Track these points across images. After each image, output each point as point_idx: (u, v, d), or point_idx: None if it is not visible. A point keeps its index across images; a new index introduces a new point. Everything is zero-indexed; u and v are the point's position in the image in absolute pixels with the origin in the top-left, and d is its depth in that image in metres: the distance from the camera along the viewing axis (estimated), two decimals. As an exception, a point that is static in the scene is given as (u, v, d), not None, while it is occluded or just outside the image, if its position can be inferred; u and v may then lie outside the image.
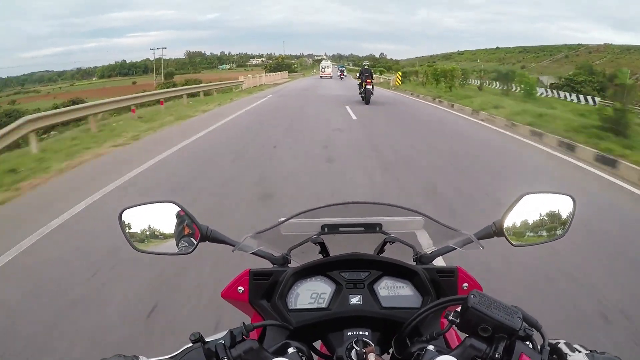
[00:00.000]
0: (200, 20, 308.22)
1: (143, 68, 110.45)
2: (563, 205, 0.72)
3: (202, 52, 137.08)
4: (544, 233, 0.72)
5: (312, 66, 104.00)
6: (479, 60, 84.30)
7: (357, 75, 13.64)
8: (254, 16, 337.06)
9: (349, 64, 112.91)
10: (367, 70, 12.39)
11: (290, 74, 48.95)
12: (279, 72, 38.17)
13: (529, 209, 0.70)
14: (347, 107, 10.99)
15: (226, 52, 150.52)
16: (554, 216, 0.72)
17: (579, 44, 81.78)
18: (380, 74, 38.67)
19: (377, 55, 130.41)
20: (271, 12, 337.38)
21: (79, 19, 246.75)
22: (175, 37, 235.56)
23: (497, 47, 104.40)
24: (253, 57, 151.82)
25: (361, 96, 12.77)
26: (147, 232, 0.70)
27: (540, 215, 0.71)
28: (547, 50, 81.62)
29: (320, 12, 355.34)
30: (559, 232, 0.72)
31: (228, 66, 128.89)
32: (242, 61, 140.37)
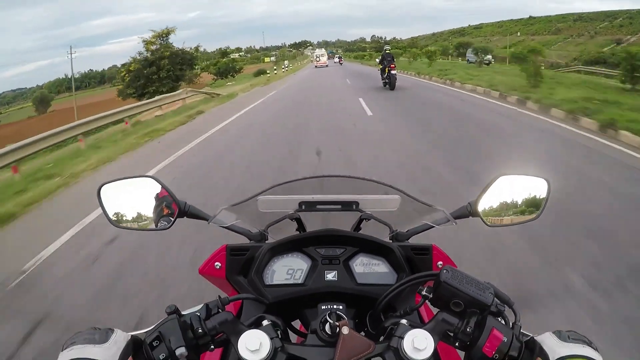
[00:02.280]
0: (181, 19, 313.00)
1: (99, 79, 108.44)
2: (538, 187, 0.79)
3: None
4: (518, 214, 0.78)
5: (292, 56, 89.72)
6: (519, 34, 68.86)
7: (378, 61, 14.32)
8: (237, 11, 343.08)
9: (337, 50, 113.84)
10: (389, 55, 12.88)
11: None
12: None
13: (504, 190, 0.77)
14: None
15: (201, 50, 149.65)
16: (528, 198, 0.78)
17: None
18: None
19: (369, 39, 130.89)
20: (253, 5, 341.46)
21: (60, 30, 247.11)
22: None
23: (530, 17, 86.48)
24: (230, 52, 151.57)
25: (384, 82, 13.48)
26: (126, 207, 0.77)
27: (515, 197, 0.78)
28: (624, 16, 63.58)
29: (303, 1, 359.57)
30: (532, 213, 0.78)
31: (204, 64, 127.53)
32: (218, 58, 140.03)
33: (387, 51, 13.28)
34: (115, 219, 0.77)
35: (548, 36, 62.77)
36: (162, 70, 21.58)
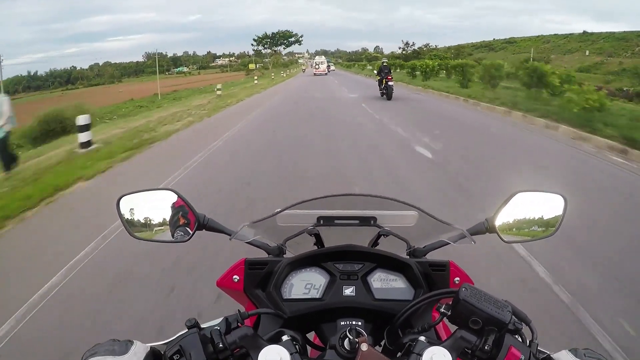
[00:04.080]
0: (181, 22, 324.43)
1: (66, 77, 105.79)
2: (554, 204, 0.86)
3: (164, 53, 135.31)
4: (535, 230, 0.85)
5: (265, 64, 75.30)
6: (587, 53, 63.21)
7: (376, 73, 15.99)
8: (237, 17, 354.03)
9: (337, 60, 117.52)
10: (387, 67, 14.08)
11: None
12: None
13: (521, 207, 0.83)
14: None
15: (190, 53, 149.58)
16: (544, 214, 0.85)
17: None
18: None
19: (372, 50, 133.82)
20: (254, 12, 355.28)
21: (59, 24, 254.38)
22: (157, 40, 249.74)
23: (584, 32, 78.11)
24: (219, 56, 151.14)
25: (381, 93, 14.93)
26: (145, 220, 0.83)
27: (532, 213, 0.84)
28: None
29: (303, 11, 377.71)
30: (549, 229, 0.85)
31: (186, 69, 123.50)
32: (205, 62, 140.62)
33: (384, 64, 14.77)
34: (133, 230, 0.83)
35: (638, 59, 50.91)
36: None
